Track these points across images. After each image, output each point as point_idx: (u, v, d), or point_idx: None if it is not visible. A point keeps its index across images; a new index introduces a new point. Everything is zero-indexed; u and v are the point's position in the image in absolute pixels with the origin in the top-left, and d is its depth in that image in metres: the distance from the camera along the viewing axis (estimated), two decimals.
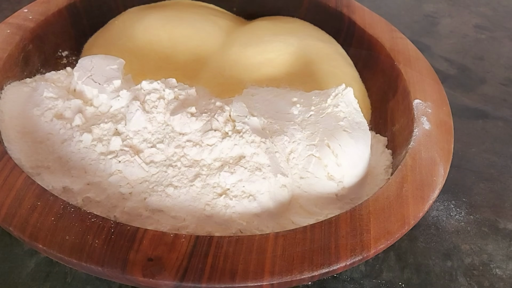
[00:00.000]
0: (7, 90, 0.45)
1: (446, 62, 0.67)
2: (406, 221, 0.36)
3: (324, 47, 0.55)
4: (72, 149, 0.40)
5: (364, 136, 0.42)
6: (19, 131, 0.42)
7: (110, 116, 0.42)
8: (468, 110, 0.60)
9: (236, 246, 0.32)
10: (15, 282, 0.38)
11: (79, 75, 0.45)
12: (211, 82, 0.51)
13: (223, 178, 0.38)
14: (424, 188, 0.38)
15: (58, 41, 0.53)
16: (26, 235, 0.32)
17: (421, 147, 0.41)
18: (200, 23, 0.56)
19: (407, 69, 0.49)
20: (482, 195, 0.50)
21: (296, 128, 0.43)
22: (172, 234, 0.33)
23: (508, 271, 0.43)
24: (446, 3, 0.81)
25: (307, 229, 0.34)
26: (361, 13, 0.57)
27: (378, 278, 0.41)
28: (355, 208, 0.36)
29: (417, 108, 0.45)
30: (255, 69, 0.52)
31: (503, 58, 0.69)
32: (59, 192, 0.39)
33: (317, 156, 0.41)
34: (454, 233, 0.46)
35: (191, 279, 0.31)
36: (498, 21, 0.77)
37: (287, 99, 0.46)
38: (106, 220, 0.33)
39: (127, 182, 0.39)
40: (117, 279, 0.32)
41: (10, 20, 0.49)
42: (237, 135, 0.40)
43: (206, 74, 0.52)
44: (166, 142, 0.40)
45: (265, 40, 0.54)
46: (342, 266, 0.33)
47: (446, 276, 0.42)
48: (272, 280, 0.31)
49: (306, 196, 0.41)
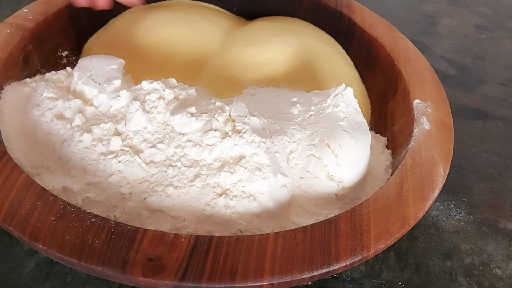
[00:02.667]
0: (7, 90, 0.45)
1: (446, 62, 0.67)
2: (406, 221, 0.36)
3: (324, 47, 0.55)
4: (72, 149, 0.40)
5: (364, 136, 0.42)
6: (19, 131, 0.42)
7: (110, 116, 0.42)
8: (468, 110, 0.60)
9: (236, 246, 0.32)
10: (15, 282, 0.38)
11: (79, 75, 0.45)
12: (211, 82, 0.51)
13: (223, 178, 0.38)
14: (424, 188, 0.38)
15: (58, 41, 0.53)
16: (26, 235, 0.32)
17: (421, 147, 0.41)
18: (200, 23, 0.56)
19: (407, 69, 0.49)
20: (482, 195, 0.50)
21: (296, 128, 0.43)
22: (172, 234, 0.33)
23: (508, 271, 0.43)
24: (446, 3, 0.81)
25: (307, 229, 0.34)
26: (361, 13, 0.57)
27: (378, 278, 0.41)
28: (355, 208, 0.36)
29: (417, 108, 0.45)
30: (255, 69, 0.52)
31: (503, 58, 0.69)
32: (59, 192, 0.39)
33: (317, 156, 0.41)
34: (454, 233, 0.46)
35: (191, 279, 0.31)
36: (498, 21, 0.77)
37: (287, 99, 0.46)
38: (106, 220, 0.33)
39: (127, 182, 0.39)
40: (117, 279, 0.32)
41: (10, 20, 0.49)
42: (237, 135, 0.40)
43: (206, 74, 0.52)
44: (166, 142, 0.40)
45: (265, 40, 0.54)
46: (342, 266, 0.33)
47: (446, 276, 0.42)
48: (272, 280, 0.31)
49: (306, 196, 0.41)
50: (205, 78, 0.51)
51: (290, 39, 0.54)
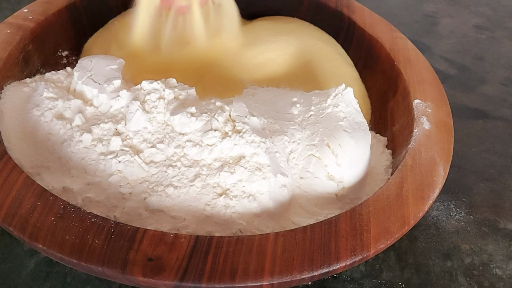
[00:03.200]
0: (7, 90, 0.45)
1: (446, 62, 0.67)
2: (406, 221, 0.36)
3: (324, 47, 0.55)
4: (72, 149, 0.40)
5: (364, 136, 0.42)
6: (19, 131, 0.42)
7: (110, 116, 0.42)
8: (468, 110, 0.60)
9: (236, 246, 0.32)
10: (15, 282, 0.38)
11: (79, 75, 0.45)
12: (211, 82, 0.51)
13: (223, 178, 0.38)
14: (424, 188, 0.38)
15: (58, 41, 0.53)
16: (26, 235, 0.32)
17: (421, 147, 0.41)
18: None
19: (407, 69, 0.49)
20: (482, 195, 0.50)
21: (296, 128, 0.43)
22: (172, 234, 0.33)
23: (508, 271, 0.43)
24: (446, 3, 0.81)
25: (307, 229, 0.34)
26: (361, 13, 0.57)
27: (378, 278, 0.41)
28: (355, 208, 0.36)
29: (417, 108, 0.45)
30: (255, 69, 0.52)
31: (503, 58, 0.69)
32: (59, 192, 0.39)
33: (317, 156, 0.41)
34: (454, 233, 0.46)
35: (191, 279, 0.31)
36: (498, 21, 0.77)
37: (287, 99, 0.46)
38: (106, 220, 0.33)
39: (127, 182, 0.39)
40: (117, 279, 0.32)
41: (10, 20, 0.49)
42: (237, 135, 0.40)
43: (206, 74, 0.52)
44: (166, 142, 0.40)
45: (265, 40, 0.54)
46: (342, 266, 0.33)
47: (446, 276, 0.42)
48: (272, 280, 0.31)
49: (306, 196, 0.41)
50: (205, 78, 0.51)
51: (290, 39, 0.54)
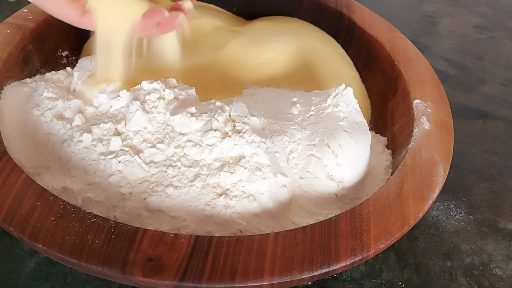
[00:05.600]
0: (7, 90, 0.45)
1: (446, 62, 0.67)
2: (406, 221, 0.36)
3: (324, 47, 0.55)
4: (72, 149, 0.40)
5: (364, 136, 0.42)
6: (19, 131, 0.42)
7: (110, 116, 0.42)
8: (468, 110, 0.60)
9: (236, 246, 0.32)
10: (15, 282, 0.38)
11: (79, 75, 0.45)
12: (211, 82, 0.51)
13: (223, 178, 0.38)
14: (424, 188, 0.38)
15: (58, 41, 0.53)
16: (26, 235, 0.32)
17: (421, 147, 0.41)
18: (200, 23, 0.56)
19: (407, 69, 0.49)
20: (482, 195, 0.50)
21: (296, 128, 0.43)
22: (172, 234, 0.33)
23: (508, 271, 0.43)
24: (446, 3, 0.81)
25: (307, 229, 0.34)
26: (361, 13, 0.57)
27: (378, 278, 0.41)
28: (355, 208, 0.36)
29: (417, 108, 0.45)
30: (255, 69, 0.52)
31: (503, 58, 0.69)
32: (59, 192, 0.39)
33: (317, 156, 0.41)
34: (454, 233, 0.46)
35: (191, 279, 0.31)
36: (498, 21, 0.77)
37: (287, 99, 0.46)
38: (106, 220, 0.33)
39: (127, 182, 0.39)
40: (117, 279, 0.32)
41: (10, 20, 0.49)
42: (237, 135, 0.40)
43: (206, 74, 0.52)
44: (166, 142, 0.40)
45: (265, 40, 0.54)
46: (342, 266, 0.33)
47: (446, 276, 0.42)
48: (272, 280, 0.31)
49: (306, 196, 0.41)
50: (205, 78, 0.51)
51: (290, 39, 0.54)
